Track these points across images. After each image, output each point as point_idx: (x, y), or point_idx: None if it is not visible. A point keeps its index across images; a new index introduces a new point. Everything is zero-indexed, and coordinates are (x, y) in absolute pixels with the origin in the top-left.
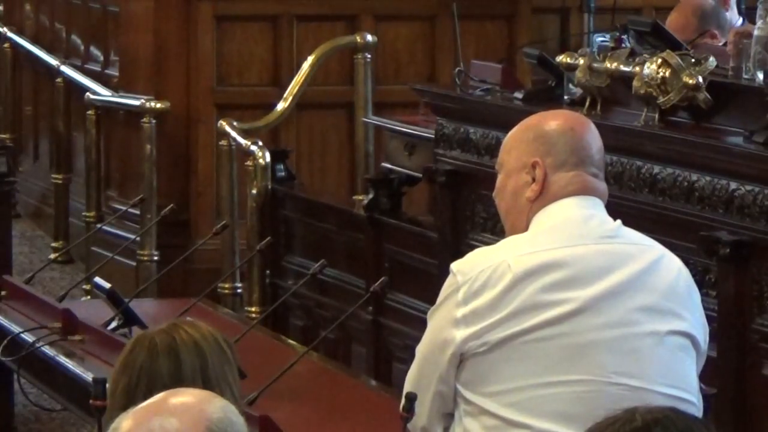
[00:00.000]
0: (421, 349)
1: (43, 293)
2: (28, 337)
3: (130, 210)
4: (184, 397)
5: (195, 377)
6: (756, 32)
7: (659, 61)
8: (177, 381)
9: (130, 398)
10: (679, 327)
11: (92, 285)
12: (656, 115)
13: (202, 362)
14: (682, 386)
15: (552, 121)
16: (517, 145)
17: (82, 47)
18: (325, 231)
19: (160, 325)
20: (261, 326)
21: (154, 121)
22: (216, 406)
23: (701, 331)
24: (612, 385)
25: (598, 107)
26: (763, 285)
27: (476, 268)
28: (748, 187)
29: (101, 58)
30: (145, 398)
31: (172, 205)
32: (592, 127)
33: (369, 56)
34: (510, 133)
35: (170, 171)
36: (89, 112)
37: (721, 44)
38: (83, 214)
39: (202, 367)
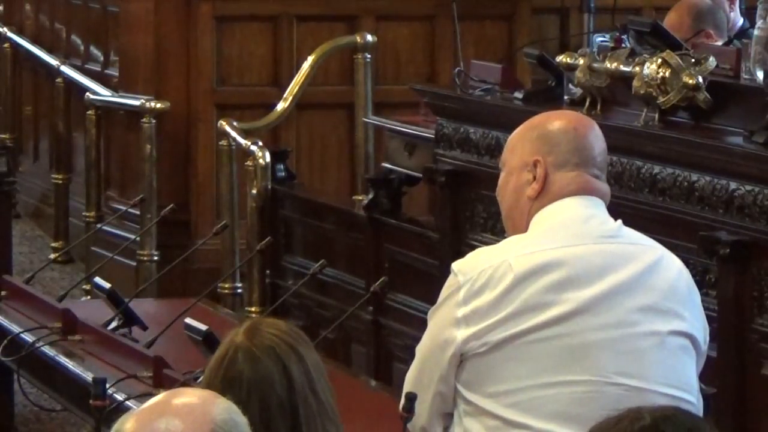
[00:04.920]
0: (421, 349)
1: (43, 293)
2: (28, 337)
3: (130, 210)
4: (187, 397)
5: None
6: (756, 32)
7: (659, 61)
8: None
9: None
10: (679, 327)
11: (92, 285)
12: (656, 115)
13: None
14: (682, 386)
15: (556, 120)
16: (520, 144)
17: (82, 47)
18: (325, 231)
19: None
20: None
21: (154, 121)
22: (220, 407)
23: (701, 331)
24: (612, 386)
25: (598, 107)
26: (763, 285)
27: (477, 268)
28: (748, 187)
29: (101, 58)
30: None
31: (172, 205)
32: (597, 128)
33: (369, 56)
34: (514, 132)
35: (170, 171)
36: (89, 112)
37: (718, 44)
38: (83, 214)
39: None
